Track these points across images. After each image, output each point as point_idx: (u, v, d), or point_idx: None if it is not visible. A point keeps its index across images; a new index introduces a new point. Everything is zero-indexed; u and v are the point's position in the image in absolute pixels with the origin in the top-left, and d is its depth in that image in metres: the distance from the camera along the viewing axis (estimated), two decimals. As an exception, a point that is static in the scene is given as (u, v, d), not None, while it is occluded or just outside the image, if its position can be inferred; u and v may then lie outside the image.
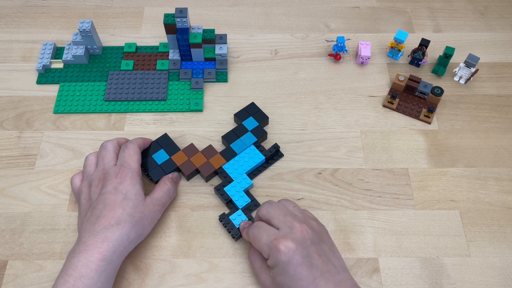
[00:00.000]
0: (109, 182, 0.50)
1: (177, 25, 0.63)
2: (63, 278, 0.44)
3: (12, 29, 0.73)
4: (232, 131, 0.60)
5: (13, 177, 0.58)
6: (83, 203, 0.51)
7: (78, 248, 0.46)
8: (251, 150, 0.58)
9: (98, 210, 0.48)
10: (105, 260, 0.45)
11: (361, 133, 0.62)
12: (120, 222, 0.47)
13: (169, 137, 0.59)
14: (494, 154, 0.61)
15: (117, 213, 0.48)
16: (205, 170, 0.57)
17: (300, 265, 0.44)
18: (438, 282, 0.51)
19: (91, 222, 0.47)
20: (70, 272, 0.44)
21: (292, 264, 0.44)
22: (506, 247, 0.54)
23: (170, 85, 0.66)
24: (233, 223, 0.53)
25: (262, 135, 0.60)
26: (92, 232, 0.46)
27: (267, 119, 0.62)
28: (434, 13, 0.76)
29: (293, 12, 0.76)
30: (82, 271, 0.44)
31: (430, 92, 0.63)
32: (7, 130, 0.62)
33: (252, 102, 0.62)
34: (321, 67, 0.69)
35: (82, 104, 0.64)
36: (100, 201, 0.49)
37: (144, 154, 0.58)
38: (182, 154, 0.58)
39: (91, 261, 0.44)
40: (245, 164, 0.57)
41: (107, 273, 0.45)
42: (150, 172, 0.56)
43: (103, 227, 0.47)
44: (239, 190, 0.55)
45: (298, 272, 0.44)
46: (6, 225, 0.55)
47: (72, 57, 0.67)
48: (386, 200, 0.57)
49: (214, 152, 0.58)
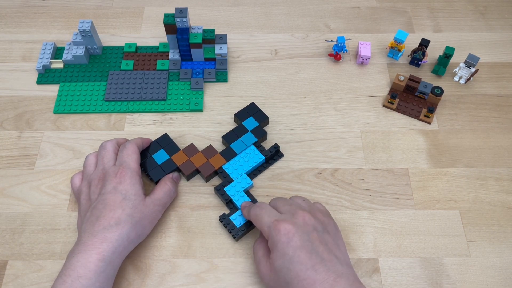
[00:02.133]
0: (109, 182, 0.50)
1: (177, 25, 0.63)
2: (62, 278, 0.44)
3: (12, 29, 0.73)
4: (232, 131, 0.60)
5: (13, 177, 0.58)
6: (83, 203, 0.51)
7: (77, 248, 0.46)
8: (251, 150, 0.58)
9: (98, 210, 0.48)
10: (104, 260, 0.45)
11: (361, 133, 0.62)
12: (119, 222, 0.47)
13: (169, 137, 0.59)
14: (494, 154, 0.61)
15: (117, 213, 0.48)
16: (205, 170, 0.57)
17: (299, 248, 0.43)
18: (438, 282, 0.51)
19: (91, 222, 0.47)
20: (68, 273, 0.44)
21: (291, 246, 0.43)
22: (506, 247, 0.54)
23: (170, 85, 0.66)
24: (233, 223, 0.53)
25: (262, 135, 0.60)
26: (91, 232, 0.46)
27: (267, 119, 0.62)
28: (434, 13, 0.76)
29: (293, 12, 0.76)
30: (80, 272, 0.44)
31: (430, 92, 0.63)
32: (7, 130, 0.62)
33: (252, 102, 0.62)
34: (321, 67, 0.69)
35: (82, 104, 0.64)
36: (100, 201, 0.49)
37: (144, 154, 0.58)
38: (182, 154, 0.58)
39: (90, 261, 0.44)
40: (245, 164, 0.57)
41: (106, 273, 0.45)
42: (150, 172, 0.56)
43: (102, 227, 0.47)
44: (239, 190, 0.55)
45: (297, 255, 0.43)
46: (6, 225, 0.55)
47: (72, 57, 0.67)
48: (386, 200, 0.57)
49: (214, 152, 0.58)
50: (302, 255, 0.43)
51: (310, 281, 0.42)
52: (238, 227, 0.53)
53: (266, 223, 0.46)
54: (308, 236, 0.44)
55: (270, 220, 0.46)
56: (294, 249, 0.43)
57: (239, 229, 0.53)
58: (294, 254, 0.43)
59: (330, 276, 0.42)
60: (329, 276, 0.42)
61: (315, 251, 0.43)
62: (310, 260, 0.43)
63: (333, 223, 0.49)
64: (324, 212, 0.49)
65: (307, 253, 0.43)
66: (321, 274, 0.42)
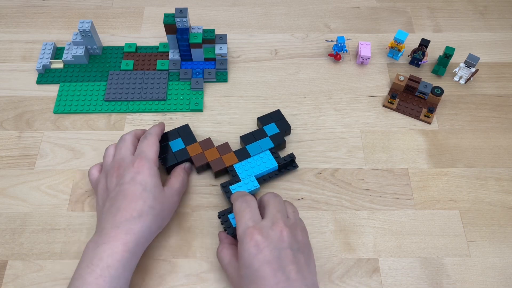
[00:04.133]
0: (127, 171, 0.50)
1: (177, 25, 0.64)
2: (89, 268, 0.44)
3: (12, 29, 0.73)
4: (251, 133, 0.60)
5: (13, 177, 0.58)
6: (101, 193, 0.51)
7: (100, 239, 0.46)
8: (265, 155, 0.58)
9: (118, 201, 0.48)
10: (129, 251, 0.45)
11: (361, 133, 0.62)
12: (142, 214, 0.47)
13: (189, 128, 0.60)
14: (494, 154, 0.61)
15: (138, 205, 0.48)
16: (216, 166, 0.57)
17: (267, 263, 0.42)
18: (438, 282, 0.51)
19: (112, 213, 0.47)
20: (96, 262, 0.44)
21: (258, 259, 0.42)
22: (506, 247, 0.54)
23: (170, 85, 0.66)
24: (231, 222, 0.53)
25: (280, 143, 0.59)
26: (114, 223, 0.46)
27: (289, 128, 0.61)
28: (434, 13, 0.76)
29: (293, 12, 0.76)
30: (108, 261, 0.44)
31: (430, 92, 0.63)
32: (7, 130, 0.62)
33: (278, 109, 0.62)
34: (321, 67, 0.69)
35: (82, 104, 0.64)
36: (119, 192, 0.48)
37: (162, 140, 0.58)
38: (197, 146, 0.58)
39: (116, 252, 0.45)
40: (256, 168, 0.57)
41: (130, 264, 0.46)
42: (162, 157, 0.57)
43: (125, 219, 0.47)
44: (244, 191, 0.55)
45: (262, 269, 0.42)
46: (6, 225, 0.55)
47: (72, 57, 0.67)
48: (386, 200, 0.57)
49: (229, 150, 0.58)
50: (268, 270, 0.42)
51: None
52: (234, 226, 0.53)
53: (243, 226, 0.45)
54: (279, 252, 0.43)
55: (248, 225, 0.45)
56: (261, 263, 0.42)
57: (235, 229, 0.52)
58: (259, 268, 0.42)
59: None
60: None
61: (282, 269, 0.42)
62: (275, 277, 0.42)
63: (309, 244, 0.47)
64: (304, 231, 0.48)
65: (272, 270, 0.42)
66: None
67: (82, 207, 0.56)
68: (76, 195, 0.57)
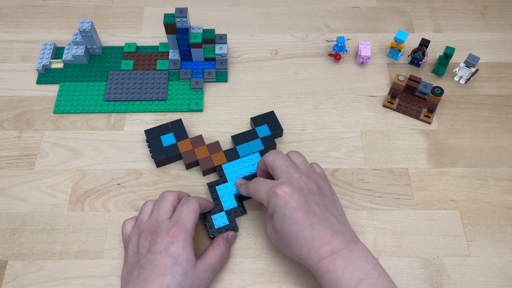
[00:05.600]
0: (160, 239, 0.47)
1: (177, 25, 0.63)
2: None
3: (12, 29, 0.73)
4: (243, 134, 0.59)
5: (13, 177, 0.58)
6: (131, 255, 0.48)
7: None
8: (254, 157, 0.58)
9: (146, 272, 0.45)
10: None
11: (361, 133, 0.62)
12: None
13: (182, 123, 0.60)
14: (494, 154, 0.61)
15: (166, 280, 0.44)
16: (204, 164, 0.57)
17: (296, 209, 0.45)
18: (438, 282, 0.51)
19: (139, 284, 0.44)
20: None
21: (289, 208, 0.45)
22: (506, 247, 0.54)
23: (170, 85, 0.66)
24: (213, 223, 0.53)
25: (271, 146, 0.59)
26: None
27: (281, 131, 0.60)
28: (434, 13, 0.76)
29: (293, 12, 0.76)
30: None
31: (430, 92, 0.63)
32: (7, 130, 0.62)
33: (272, 110, 0.61)
34: (321, 67, 0.69)
35: (82, 104, 0.64)
36: (149, 261, 0.46)
37: (153, 133, 0.59)
38: (188, 142, 0.59)
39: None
40: (245, 169, 0.57)
41: None
42: (153, 151, 0.57)
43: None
44: (230, 192, 0.55)
45: (295, 216, 0.44)
46: (6, 225, 0.55)
47: (72, 57, 0.67)
48: (386, 200, 0.57)
49: (219, 149, 0.58)
50: (300, 215, 0.44)
51: (308, 239, 0.44)
52: (216, 228, 0.52)
53: (264, 191, 0.47)
54: (304, 198, 0.45)
55: (267, 188, 0.47)
56: (292, 211, 0.45)
57: (216, 230, 0.52)
58: (292, 215, 0.45)
59: (328, 233, 0.44)
60: (326, 233, 0.44)
61: (312, 212, 0.45)
62: (308, 219, 0.44)
63: (328, 187, 0.50)
64: (320, 175, 0.51)
65: (304, 214, 0.45)
66: (319, 231, 0.44)
67: (82, 207, 0.56)
68: (76, 195, 0.57)
